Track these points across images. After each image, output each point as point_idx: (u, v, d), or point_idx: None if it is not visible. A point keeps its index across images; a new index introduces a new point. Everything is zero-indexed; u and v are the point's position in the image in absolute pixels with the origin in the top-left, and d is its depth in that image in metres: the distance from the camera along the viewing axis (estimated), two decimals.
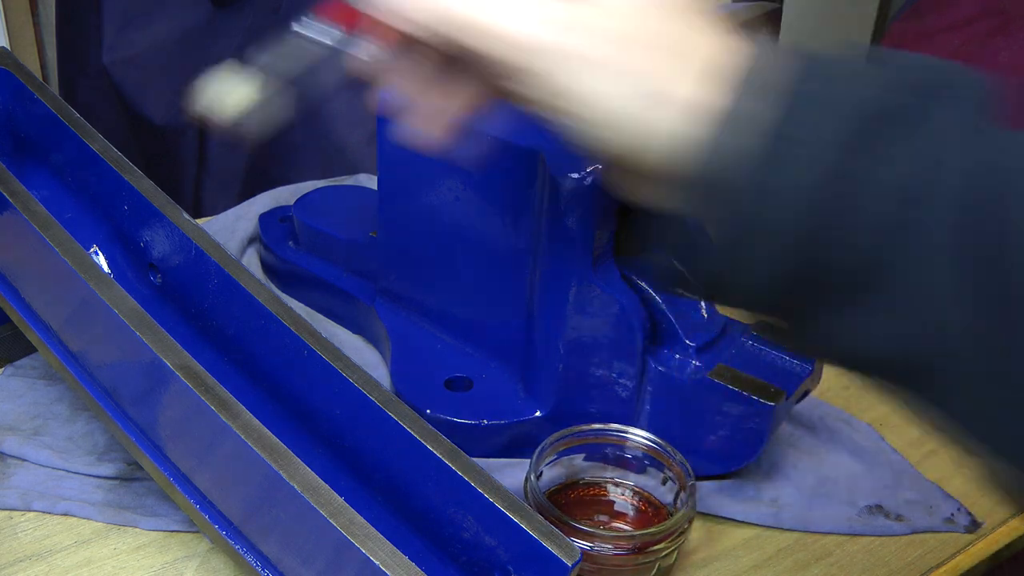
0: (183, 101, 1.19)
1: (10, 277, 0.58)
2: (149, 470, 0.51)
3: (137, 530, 0.55)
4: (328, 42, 0.45)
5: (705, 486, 0.59)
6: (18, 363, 0.66)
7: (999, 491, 0.35)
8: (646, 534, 0.51)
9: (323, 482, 0.45)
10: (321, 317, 0.74)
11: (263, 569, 0.47)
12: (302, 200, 0.76)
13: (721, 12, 0.54)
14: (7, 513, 0.55)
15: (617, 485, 0.58)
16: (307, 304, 0.75)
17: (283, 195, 0.85)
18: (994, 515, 0.60)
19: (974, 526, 0.59)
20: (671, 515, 0.55)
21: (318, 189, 0.78)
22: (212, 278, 0.58)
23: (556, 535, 0.46)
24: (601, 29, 0.35)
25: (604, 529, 0.56)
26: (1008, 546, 0.59)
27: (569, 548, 0.46)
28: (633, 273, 0.61)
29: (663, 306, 0.60)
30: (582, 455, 0.57)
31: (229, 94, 0.45)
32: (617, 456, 0.57)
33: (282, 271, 0.76)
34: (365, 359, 0.69)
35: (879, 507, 0.60)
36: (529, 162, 0.56)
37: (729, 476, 0.61)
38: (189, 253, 0.59)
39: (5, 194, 0.56)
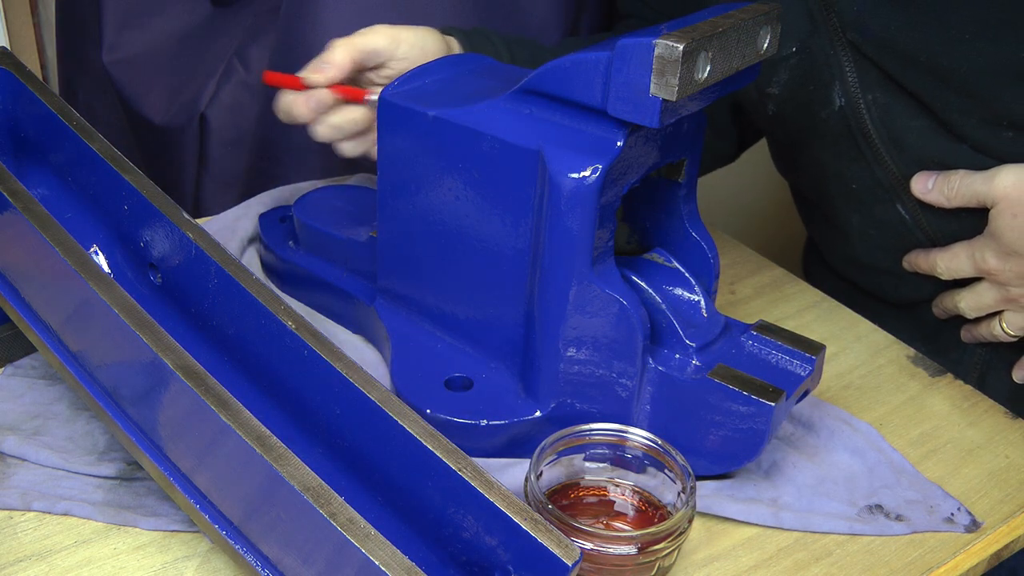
0: (183, 101, 1.18)
1: (10, 277, 0.58)
2: (149, 470, 0.51)
3: (137, 530, 0.55)
4: None
5: (705, 486, 0.59)
6: (18, 363, 0.66)
7: None
8: (646, 534, 0.51)
9: (323, 482, 0.45)
10: (321, 317, 0.74)
11: (263, 569, 0.47)
12: (302, 200, 0.76)
13: (722, 12, 0.54)
14: (7, 513, 0.55)
15: (617, 485, 0.58)
16: (307, 304, 0.75)
17: (283, 195, 0.85)
18: (994, 515, 0.60)
19: (974, 526, 0.59)
20: (671, 515, 0.55)
21: (318, 189, 0.78)
22: (212, 278, 0.58)
23: (556, 535, 0.46)
24: None
25: (604, 529, 0.56)
26: (1008, 546, 0.59)
27: (569, 548, 0.46)
28: (633, 273, 0.61)
29: (663, 306, 0.60)
30: (582, 455, 0.57)
31: None
32: (617, 456, 0.57)
33: (282, 271, 0.76)
34: (365, 359, 0.69)
35: (879, 507, 0.60)
36: (529, 162, 0.56)
37: (729, 476, 0.61)
38: (189, 253, 0.59)
39: (5, 194, 0.56)
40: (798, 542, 0.58)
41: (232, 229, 0.79)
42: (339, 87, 0.70)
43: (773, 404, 0.55)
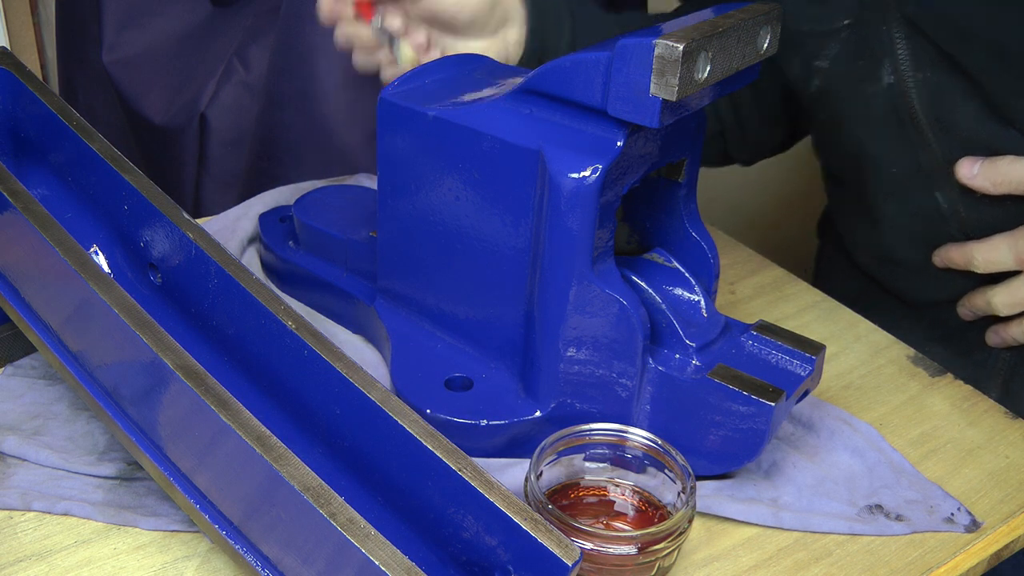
0: (183, 101, 1.18)
1: (10, 277, 0.58)
2: (149, 470, 0.51)
3: (137, 530, 0.55)
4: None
5: (705, 486, 0.59)
6: (18, 363, 0.66)
7: None
8: (646, 534, 0.51)
9: (323, 482, 0.45)
10: (321, 317, 0.74)
11: (263, 569, 0.47)
12: (302, 200, 0.76)
13: (722, 11, 0.54)
14: (7, 513, 0.55)
15: (617, 485, 0.58)
16: (307, 304, 0.75)
17: (283, 195, 0.85)
18: (994, 515, 0.60)
19: (974, 526, 0.59)
20: (671, 515, 0.55)
21: (318, 189, 0.78)
22: (212, 278, 0.58)
23: (556, 535, 0.46)
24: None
25: (604, 529, 0.56)
26: (1008, 546, 0.59)
27: (569, 548, 0.46)
28: (633, 273, 0.61)
29: (663, 306, 0.60)
30: (582, 455, 0.57)
31: None
32: (617, 456, 0.57)
33: (282, 271, 0.76)
34: (365, 359, 0.69)
35: (879, 507, 0.60)
36: (529, 162, 0.56)
37: (729, 476, 0.61)
38: (189, 253, 0.59)
39: (5, 194, 0.56)
40: (798, 542, 0.58)
41: (232, 229, 0.79)
42: (359, 2, 0.72)
43: (773, 404, 0.55)
